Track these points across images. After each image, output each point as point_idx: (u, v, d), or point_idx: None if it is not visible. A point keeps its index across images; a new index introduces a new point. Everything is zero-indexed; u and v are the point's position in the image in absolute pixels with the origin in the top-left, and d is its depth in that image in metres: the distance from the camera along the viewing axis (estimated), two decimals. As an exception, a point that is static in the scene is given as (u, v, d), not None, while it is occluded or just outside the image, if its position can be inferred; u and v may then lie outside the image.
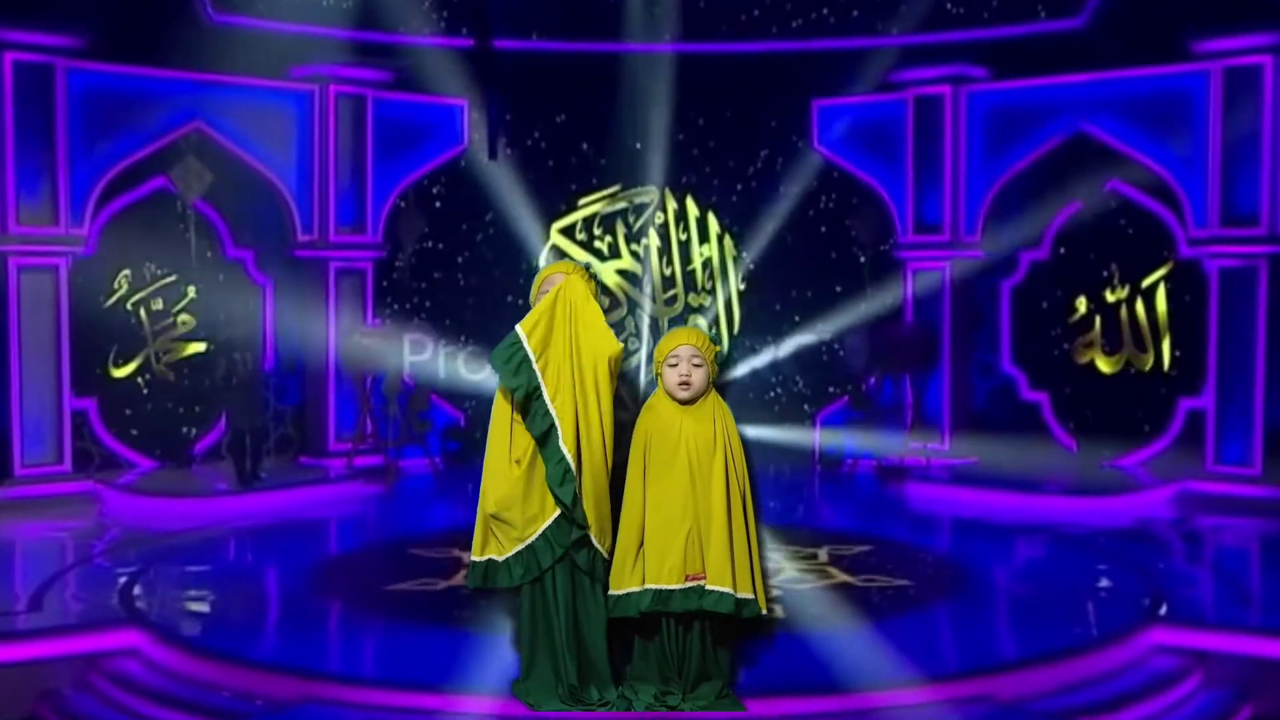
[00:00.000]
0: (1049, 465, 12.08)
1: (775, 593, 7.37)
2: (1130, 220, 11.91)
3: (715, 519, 5.29)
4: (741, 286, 13.46)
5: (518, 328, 5.44)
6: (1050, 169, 12.25)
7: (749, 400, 12.90)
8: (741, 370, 13.13)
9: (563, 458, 5.32)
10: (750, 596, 5.34)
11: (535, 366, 5.35)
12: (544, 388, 5.35)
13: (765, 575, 5.60)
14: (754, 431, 12.42)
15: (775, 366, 13.30)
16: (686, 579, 5.28)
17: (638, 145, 13.19)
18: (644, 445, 5.42)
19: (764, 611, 5.45)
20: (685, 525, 5.29)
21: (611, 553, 5.49)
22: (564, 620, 5.46)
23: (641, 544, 5.36)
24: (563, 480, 5.32)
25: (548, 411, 5.33)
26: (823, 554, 8.59)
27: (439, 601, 7.35)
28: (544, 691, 5.52)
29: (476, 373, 13.10)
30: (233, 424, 11.30)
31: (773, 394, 13.36)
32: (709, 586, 5.27)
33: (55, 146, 10.73)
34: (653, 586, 5.30)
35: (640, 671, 5.57)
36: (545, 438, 5.35)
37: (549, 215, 13.26)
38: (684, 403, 5.43)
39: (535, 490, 5.39)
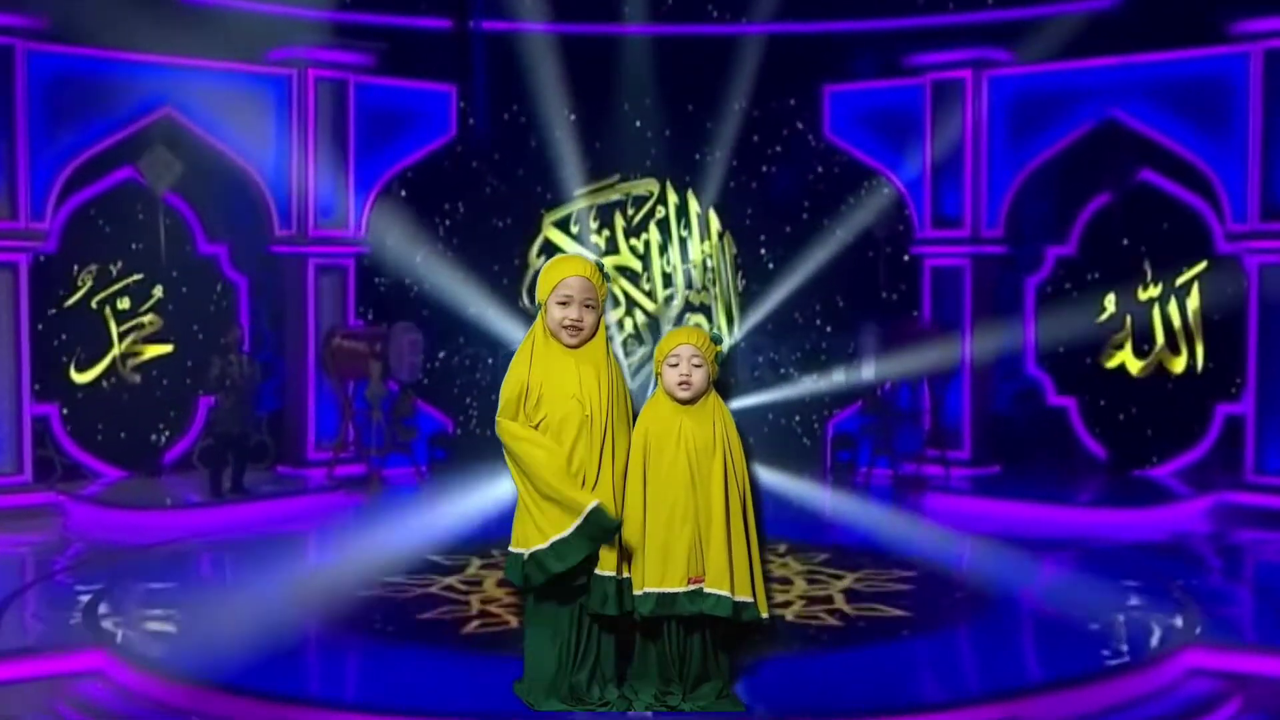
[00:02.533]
0: (1077, 475, 12.07)
1: (785, 612, 7.37)
2: (1163, 213, 11.90)
3: (715, 521, 5.47)
4: (742, 284, 13.45)
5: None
6: (1078, 158, 12.24)
7: (756, 410, 12.90)
8: (744, 374, 13.11)
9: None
10: (749, 600, 5.52)
11: None
12: None
13: (767, 578, 5.73)
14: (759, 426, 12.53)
15: (778, 365, 13.28)
16: (689, 582, 5.44)
17: (638, 122, 13.17)
18: (643, 445, 5.56)
19: (764, 616, 5.61)
20: (687, 527, 5.46)
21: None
22: (569, 618, 5.57)
23: (643, 546, 5.51)
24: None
25: None
26: (835, 570, 8.57)
27: (424, 621, 7.34)
28: (545, 690, 5.63)
29: (466, 376, 13.10)
30: (217, 430, 11.22)
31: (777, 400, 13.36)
32: (707, 589, 5.44)
33: (15, 135, 10.73)
34: (655, 590, 5.46)
35: (640, 671, 5.74)
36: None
37: (542, 206, 13.26)
38: (684, 403, 5.60)
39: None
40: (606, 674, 5.69)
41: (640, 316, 13.40)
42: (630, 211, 13.42)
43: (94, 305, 11.71)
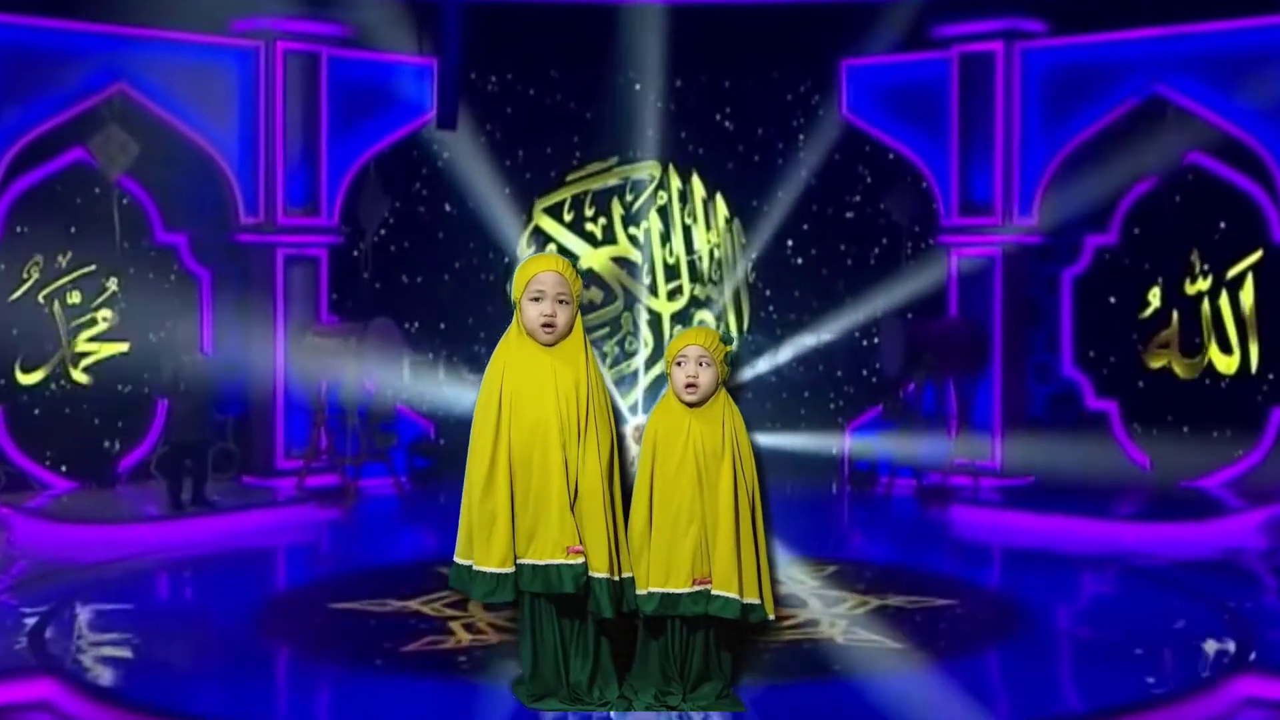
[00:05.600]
0: (1118, 485, 12.06)
1: (799, 634, 7.38)
2: (1214, 199, 11.90)
3: (722, 523, 5.83)
4: (751, 277, 13.45)
5: None
6: (1120, 138, 12.24)
7: (766, 408, 12.89)
8: (754, 373, 13.12)
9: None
10: (757, 602, 5.88)
11: None
12: None
13: (774, 580, 6.12)
14: (772, 441, 12.50)
15: (793, 370, 13.28)
16: (694, 582, 5.80)
17: (637, 86, 13.15)
18: (653, 445, 5.94)
19: (771, 617, 6.01)
20: (693, 528, 5.83)
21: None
22: (568, 618, 5.88)
23: (648, 545, 5.86)
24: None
25: None
26: (854, 588, 8.57)
27: (400, 644, 7.33)
28: (544, 689, 5.97)
29: (450, 378, 13.09)
30: (172, 438, 11.19)
31: (794, 401, 13.36)
32: (715, 591, 5.80)
33: (-47, 114, 10.76)
34: (659, 590, 5.83)
35: (641, 671, 6.11)
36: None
37: (531, 192, 13.25)
38: (692, 404, 5.94)
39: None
40: (608, 674, 6.01)
41: (640, 311, 13.39)
42: (629, 197, 13.41)
43: (41, 299, 11.70)
